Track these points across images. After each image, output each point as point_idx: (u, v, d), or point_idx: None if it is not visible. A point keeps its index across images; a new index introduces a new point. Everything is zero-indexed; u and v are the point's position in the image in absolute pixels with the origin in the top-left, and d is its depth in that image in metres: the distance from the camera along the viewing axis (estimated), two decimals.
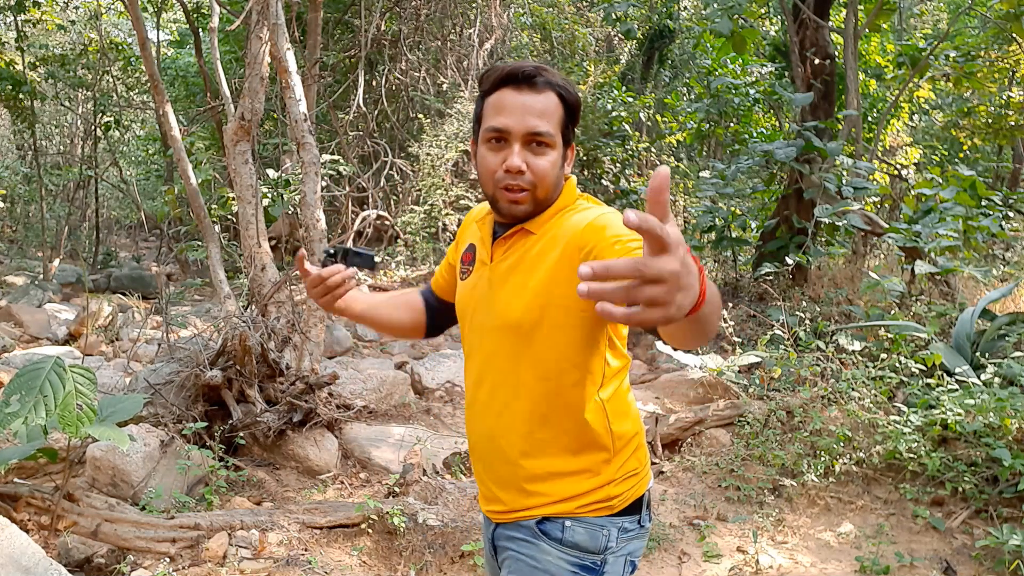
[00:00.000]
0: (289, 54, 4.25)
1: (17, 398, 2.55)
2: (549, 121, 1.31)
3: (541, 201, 1.35)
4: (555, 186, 1.35)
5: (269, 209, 8.02)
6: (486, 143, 1.34)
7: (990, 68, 9.55)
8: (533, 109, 1.30)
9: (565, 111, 1.34)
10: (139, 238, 17.52)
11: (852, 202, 6.07)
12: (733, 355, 4.73)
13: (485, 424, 1.42)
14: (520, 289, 1.35)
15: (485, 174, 1.35)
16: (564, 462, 1.37)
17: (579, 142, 9.60)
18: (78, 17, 13.86)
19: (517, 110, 1.30)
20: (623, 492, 1.39)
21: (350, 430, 4.11)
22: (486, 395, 1.41)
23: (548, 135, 1.31)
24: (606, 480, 1.38)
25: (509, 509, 1.42)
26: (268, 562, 2.84)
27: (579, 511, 1.36)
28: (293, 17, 7.31)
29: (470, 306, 1.45)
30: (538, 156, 1.31)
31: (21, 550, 2.26)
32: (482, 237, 1.46)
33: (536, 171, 1.31)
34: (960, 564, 3.09)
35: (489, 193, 1.36)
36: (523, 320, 1.34)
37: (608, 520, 1.37)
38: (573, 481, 1.37)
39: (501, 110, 1.31)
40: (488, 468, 1.44)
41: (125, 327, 7.17)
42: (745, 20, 8.33)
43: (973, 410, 3.54)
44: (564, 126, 1.34)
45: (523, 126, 1.30)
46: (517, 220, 1.37)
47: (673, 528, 3.35)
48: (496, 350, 1.39)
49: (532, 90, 1.31)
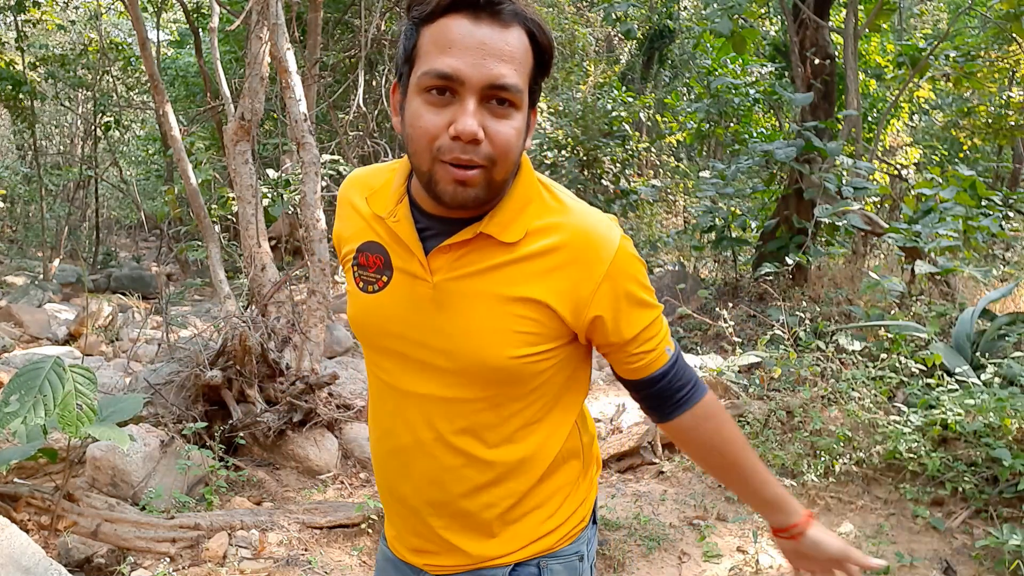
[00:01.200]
0: (289, 54, 4.25)
1: (17, 398, 2.55)
2: (517, 70, 0.93)
3: (496, 185, 0.96)
4: (514, 166, 0.98)
5: (269, 209, 8.02)
6: (422, 93, 0.93)
7: (990, 68, 9.55)
8: (497, 49, 0.91)
9: (536, 59, 0.96)
10: (139, 238, 17.51)
11: (852, 202, 6.07)
12: (733, 355, 4.73)
13: (428, 473, 1.10)
14: (486, 317, 1.00)
15: (419, 140, 0.94)
16: (538, 494, 1.13)
17: (579, 142, 9.61)
18: (78, 17, 13.86)
19: (474, 48, 0.90)
20: (589, 499, 1.21)
21: (350, 430, 4.11)
22: (430, 442, 1.08)
23: (515, 89, 0.92)
24: (582, 497, 1.18)
25: (471, 562, 1.12)
26: (268, 562, 2.84)
27: (557, 544, 1.14)
28: (293, 17, 7.31)
29: (389, 326, 1.07)
30: (500, 120, 0.93)
31: (21, 550, 2.26)
32: (396, 237, 1.04)
33: (497, 141, 0.93)
34: (960, 564, 3.08)
35: (424, 168, 0.95)
36: (488, 358, 1.01)
37: (578, 539, 1.17)
38: (548, 510, 1.14)
39: (449, 47, 0.91)
40: (433, 516, 1.12)
41: (125, 327, 7.17)
42: (745, 20, 8.33)
43: (973, 410, 3.54)
44: (532, 79, 0.97)
45: (483, 73, 0.90)
46: (466, 210, 0.98)
47: (673, 528, 3.35)
48: (447, 390, 1.05)
49: (495, 22, 0.91)
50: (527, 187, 1.03)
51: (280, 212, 8.72)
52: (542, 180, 1.07)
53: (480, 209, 1.00)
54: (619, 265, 1.02)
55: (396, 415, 1.10)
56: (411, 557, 1.18)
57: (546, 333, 1.02)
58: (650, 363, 1.09)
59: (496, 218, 0.99)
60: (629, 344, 1.06)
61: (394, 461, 1.13)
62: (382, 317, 1.07)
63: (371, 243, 1.08)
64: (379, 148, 10.40)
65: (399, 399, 1.10)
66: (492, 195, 0.97)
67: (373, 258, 1.07)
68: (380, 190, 1.09)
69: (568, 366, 1.09)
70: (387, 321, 1.07)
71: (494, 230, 0.99)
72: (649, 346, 1.08)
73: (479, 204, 0.97)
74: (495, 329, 1.01)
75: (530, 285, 1.00)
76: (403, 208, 1.04)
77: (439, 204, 0.98)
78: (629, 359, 1.08)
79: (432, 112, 0.92)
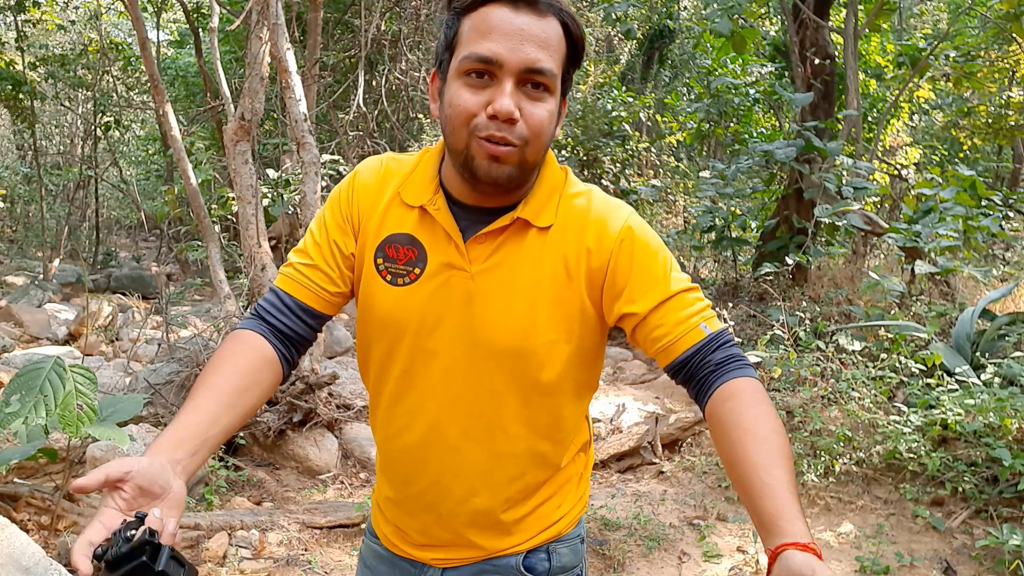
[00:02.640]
0: (289, 54, 4.25)
1: (17, 398, 2.54)
2: (552, 55, 0.98)
3: (528, 165, 1.01)
4: (546, 147, 1.03)
5: (269, 209, 8.02)
6: (462, 76, 0.98)
7: (990, 68, 9.55)
8: (534, 36, 0.96)
9: (569, 48, 1.02)
10: (139, 238, 17.50)
11: (852, 202, 6.07)
12: None
13: (451, 467, 1.11)
14: (525, 305, 1.04)
15: (457, 119, 0.98)
16: (553, 484, 1.16)
17: (579, 142, 9.61)
18: (78, 17, 13.86)
19: (512, 34, 0.96)
20: (586, 480, 1.23)
21: (350, 430, 4.11)
22: (457, 436, 1.09)
23: (550, 74, 0.98)
24: (585, 483, 1.21)
25: (484, 554, 1.15)
26: (268, 562, 2.84)
27: (564, 530, 1.18)
28: (293, 17, 7.32)
29: (424, 320, 1.07)
30: (535, 103, 0.98)
31: (21, 550, 2.26)
32: (434, 226, 1.06)
33: (532, 122, 0.98)
34: (960, 564, 3.08)
35: (460, 146, 0.99)
36: (527, 347, 1.05)
37: (579, 522, 1.21)
38: (559, 500, 1.17)
39: (489, 32, 0.96)
40: (452, 512, 1.13)
41: (125, 327, 7.17)
42: (745, 20, 8.33)
43: (973, 410, 3.54)
44: (566, 68, 1.02)
45: (520, 57, 0.96)
46: (499, 187, 1.01)
47: (673, 528, 3.35)
48: (480, 383, 1.06)
49: (532, 11, 0.97)
50: (554, 174, 1.08)
51: (280, 212, 8.71)
52: (562, 167, 1.12)
53: (511, 194, 1.04)
54: (636, 227, 1.06)
55: (417, 411, 1.10)
56: (416, 552, 1.18)
57: (573, 313, 1.06)
58: (678, 337, 1.03)
59: (530, 204, 1.04)
60: (652, 314, 1.03)
61: (408, 457, 1.13)
62: (415, 312, 1.07)
63: (401, 235, 1.08)
64: (379, 148, 10.40)
65: (422, 394, 1.09)
66: (524, 176, 1.02)
67: (404, 250, 1.07)
68: (413, 179, 1.10)
69: (587, 353, 1.11)
70: (422, 316, 1.06)
71: (529, 215, 1.04)
72: (675, 318, 1.03)
73: (511, 183, 1.01)
74: (530, 315, 1.04)
75: (555, 257, 1.04)
76: (441, 197, 1.07)
77: (473, 181, 1.01)
78: (655, 331, 1.04)
79: (471, 93, 0.97)
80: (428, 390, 1.09)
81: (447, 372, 1.07)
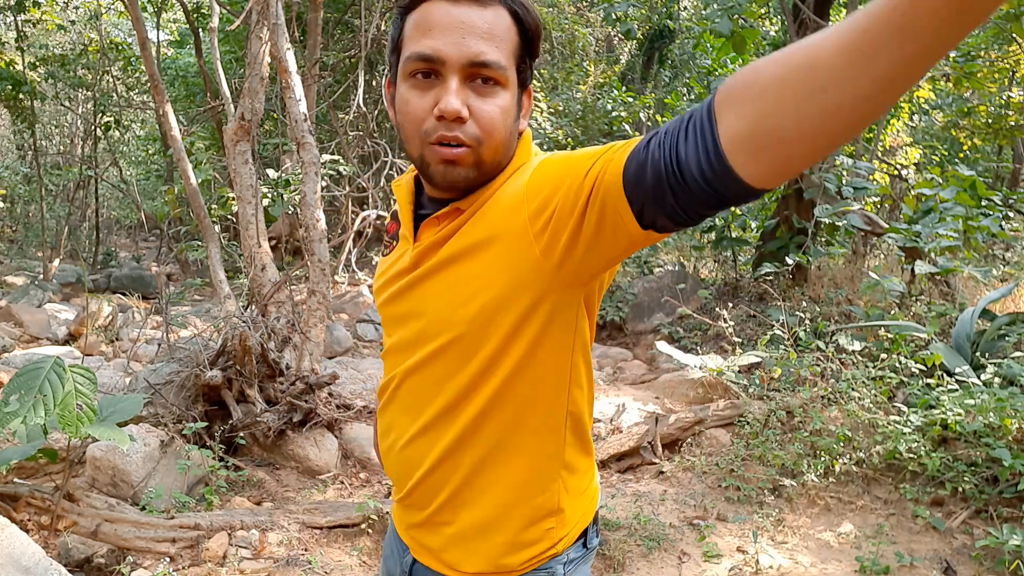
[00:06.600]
0: (289, 54, 4.25)
1: (17, 398, 2.55)
2: (500, 47, 0.92)
3: (487, 165, 0.95)
4: (506, 144, 0.96)
5: (269, 209, 8.02)
6: (408, 79, 0.94)
7: (990, 68, 9.54)
8: (476, 28, 0.91)
9: (521, 38, 0.95)
10: (139, 238, 17.51)
11: (852, 202, 6.07)
12: (733, 355, 4.73)
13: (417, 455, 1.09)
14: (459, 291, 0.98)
15: (408, 126, 0.95)
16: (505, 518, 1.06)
17: (579, 142, 9.61)
18: (78, 17, 13.86)
19: (453, 28, 0.91)
20: (569, 531, 1.11)
21: (350, 430, 4.11)
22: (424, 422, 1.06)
23: (497, 66, 0.91)
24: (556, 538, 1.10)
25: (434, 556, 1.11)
26: (268, 562, 2.84)
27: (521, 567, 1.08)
28: (293, 17, 7.31)
29: (385, 290, 1.10)
30: (484, 98, 0.92)
31: (21, 550, 2.26)
32: (402, 206, 1.08)
33: (482, 119, 0.92)
34: (960, 564, 3.08)
35: (415, 153, 0.96)
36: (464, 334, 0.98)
37: (552, 561, 1.09)
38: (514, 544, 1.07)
39: (429, 29, 0.91)
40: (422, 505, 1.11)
41: (125, 327, 7.17)
42: (745, 20, 8.33)
43: (973, 410, 3.54)
44: (520, 59, 0.96)
45: (463, 51, 0.90)
46: (457, 191, 0.97)
47: (673, 528, 3.35)
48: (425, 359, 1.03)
49: (474, 2, 0.92)
50: (520, 160, 1.00)
51: (280, 212, 8.72)
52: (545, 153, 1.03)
53: (470, 189, 0.99)
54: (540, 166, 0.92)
55: (394, 393, 1.11)
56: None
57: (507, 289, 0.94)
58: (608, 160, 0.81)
59: (473, 195, 0.98)
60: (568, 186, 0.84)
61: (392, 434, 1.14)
62: (383, 281, 1.10)
63: (395, 212, 1.13)
64: (379, 148, 10.40)
65: (396, 374, 1.10)
66: (484, 175, 0.96)
67: (393, 225, 1.13)
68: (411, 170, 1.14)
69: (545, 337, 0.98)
70: (384, 285, 1.10)
71: (466, 204, 0.98)
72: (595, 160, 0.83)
73: (470, 184, 0.96)
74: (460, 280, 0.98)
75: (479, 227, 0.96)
76: (408, 176, 1.09)
77: (432, 186, 0.99)
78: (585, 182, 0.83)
79: (418, 96, 0.93)
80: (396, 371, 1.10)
81: (404, 353, 1.08)
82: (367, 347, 6.71)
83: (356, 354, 6.37)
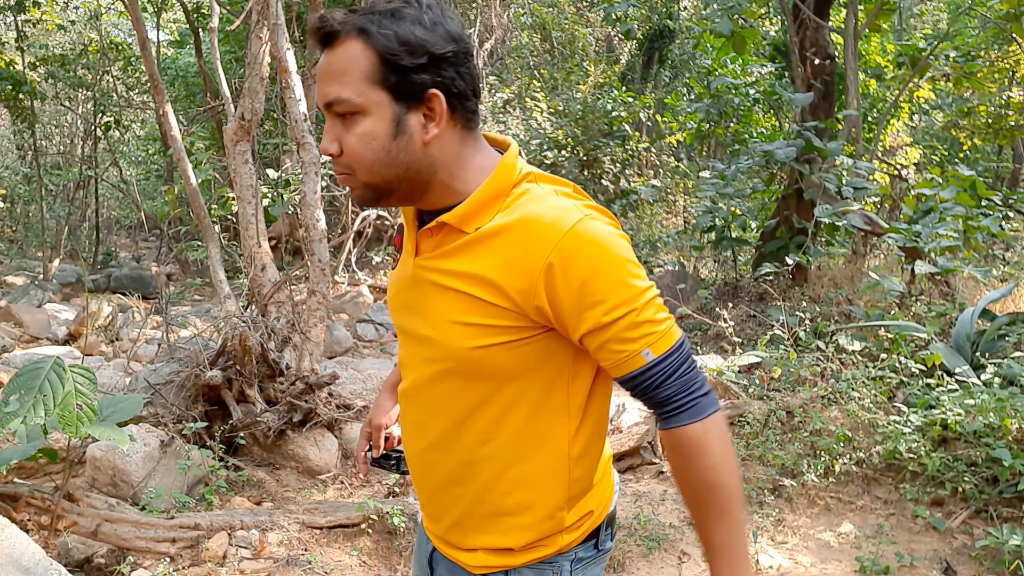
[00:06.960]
0: (289, 54, 4.25)
1: (17, 398, 2.54)
2: (345, 82, 0.99)
3: (377, 186, 1.05)
4: (390, 163, 1.02)
5: (269, 209, 8.02)
6: None
7: (990, 68, 9.55)
8: (328, 72, 1.02)
9: (379, 57, 0.98)
10: (139, 238, 17.49)
11: (852, 202, 6.07)
12: (733, 355, 4.73)
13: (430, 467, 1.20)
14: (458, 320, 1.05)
15: None
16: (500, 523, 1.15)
17: (579, 142, 9.61)
18: (78, 17, 13.86)
19: (320, 77, 1.03)
20: (578, 532, 1.16)
21: (350, 430, 4.11)
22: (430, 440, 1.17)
23: (344, 101, 1.00)
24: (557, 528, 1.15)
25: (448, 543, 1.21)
26: (268, 562, 2.84)
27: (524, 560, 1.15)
28: (293, 17, 7.32)
29: (393, 302, 1.19)
30: (348, 131, 1.02)
31: (21, 550, 2.26)
32: (407, 219, 1.17)
33: (347, 149, 1.03)
34: (960, 564, 3.08)
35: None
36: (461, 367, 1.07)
37: (558, 556, 1.15)
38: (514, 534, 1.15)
39: None
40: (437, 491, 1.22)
41: (125, 327, 7.17)
42: (745, 20, 8.33)
43: (973, 410, 3.54)
44: (383, 78, 0.99)
45: (321, 97, 1.03)
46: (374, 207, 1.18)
47: (673, 528, 3.35)
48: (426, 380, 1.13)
49: (328, 47, 1.02)
50: (498, 184, 1.06)
51: (280, 212, 8.72)
52: (537, 173, 1.10)
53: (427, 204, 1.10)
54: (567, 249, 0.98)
55: (408, 403, 1.19)
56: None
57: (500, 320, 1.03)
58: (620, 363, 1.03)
59: (456, 210, 1.06)
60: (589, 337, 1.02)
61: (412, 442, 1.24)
62: (391, 293, 1.19)
63: (401, 225, 1.21)
64: None
65: (407, 387, 1.18)
66: (379, 194, 1.06)
67: (399, 238, 1.22)
68: None
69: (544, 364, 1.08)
70: (393, 298, 1.19)
71: (452, 219, 1.06)
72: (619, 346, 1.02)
73: (373, 203, 1.09)
74: (452, 310, 1.06)
75: (477, 262, 1.03)
76: None
77: None
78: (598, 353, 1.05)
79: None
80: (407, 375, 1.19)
81: (412, 363, 1.17)
82: (367, 347, 6.72)
83: (356, 354, 6.37)
